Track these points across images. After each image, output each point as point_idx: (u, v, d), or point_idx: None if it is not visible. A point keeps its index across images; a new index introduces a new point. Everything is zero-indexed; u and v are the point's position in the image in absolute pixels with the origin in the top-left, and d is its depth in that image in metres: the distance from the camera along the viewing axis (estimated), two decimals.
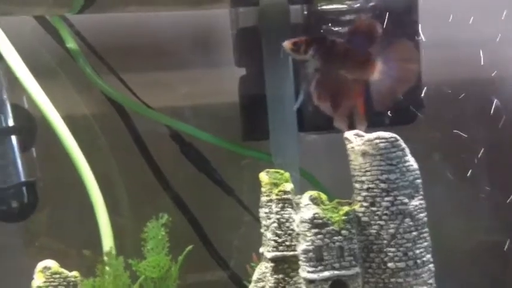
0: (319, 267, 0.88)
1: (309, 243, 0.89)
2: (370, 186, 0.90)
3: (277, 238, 1.04)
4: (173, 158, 1.59)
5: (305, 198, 0.93)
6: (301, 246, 0.89)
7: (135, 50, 1.60)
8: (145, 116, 1.52)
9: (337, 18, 1.36)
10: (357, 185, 0.91)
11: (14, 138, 1.20)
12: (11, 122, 1.20)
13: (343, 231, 0.89)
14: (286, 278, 1.03)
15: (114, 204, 1.58)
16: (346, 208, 0.90)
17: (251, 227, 1.61)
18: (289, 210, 1.05)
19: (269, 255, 1.05)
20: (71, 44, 1.43)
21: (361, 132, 0.95)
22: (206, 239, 1.58)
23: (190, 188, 1.61)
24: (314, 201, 0.92)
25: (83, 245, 1.49)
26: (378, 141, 0.89)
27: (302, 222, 0.90)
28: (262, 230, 1.10)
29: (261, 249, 1.10)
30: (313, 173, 1.50)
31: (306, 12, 1.38)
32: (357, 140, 0.92)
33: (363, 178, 0.90)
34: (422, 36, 1.41)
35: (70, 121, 1.38)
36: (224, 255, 1.60)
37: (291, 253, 1.04)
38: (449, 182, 1.52)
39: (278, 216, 1.05)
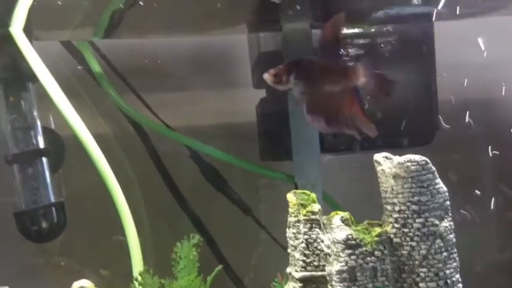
0: None
1: (343, 263, 0.91)
2: (402, 208, 0.92)
3: (305, 258, 1.07)
4: (192, 177, 1.61)
5: (336, 220, 0.95)
6: (335, 266, 0.91)
7: (155, 71, 1.64)
8: (166, 136, 1.55)
9: (354, 41, 1.39)
10: (388, 207, 0.94)
11: (44, 160, 1.23)
12: (42, 144, 1.22)
13: (376, 252, 0.91)
14: None
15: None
16: (378, 229, 0.92)
17: (268, 246, 1.63)
18: (317, 231, 1.07)
19: (297, 275, 1.07)
20: (95, 67, 1.46)
21: (390, 155, 0.98)
22: (223, 259, 1.60)
23: (208, 208, 1.63)
24: (345, 222, 0.95)
25: (106, 264, 1.51)
26: (409, 164, 0.92)
27: (335, 243, 0.92)
28: (289, 250, 1.12)
29: (288, 269, 1.12)
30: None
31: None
32: (387, 162, 0.95)
33: (395, 200, 0.93)
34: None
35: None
36: (241, 275, 1.62)
37: (319, 273, 1.06)
38: (465, 202, 1.55)
39: (306, 237, 1.07)
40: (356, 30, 1.34)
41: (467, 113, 1.44)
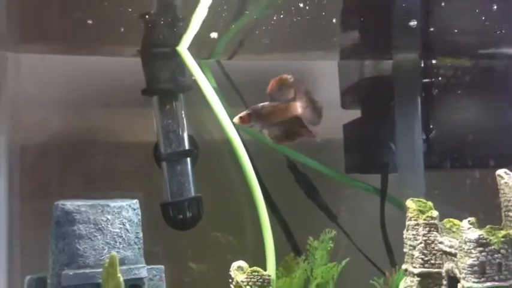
0: (482, 279, 1.09)
1: (475, 259, 1.09)
2: None
3: (423, 257, 1.25)
4: (283, 184, 1.79)
5: (465, 223, 1.14)
6: (468, 261, 1.10)
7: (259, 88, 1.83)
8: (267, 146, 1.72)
9: (452, 73, 1.59)
10: (511, 213, 1.13)
11: (189, 159, 1.41)
12: (188, 146, 1.41)
13: (501, 250, 1.10)
14: None
15: (226, 224, 1.78)
16: (503, 232, 1.11)
17: (349, 251, 1.80)
18: (435, 233, 1.26)
19: (416, 270, 1.25)
20: (213, 83, 1.64)
21: (508, 171, 1.17)
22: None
23: (296, 213, 1.80)
24: (473, 225, 1.13)
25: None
26: None
27: (467, 242, 1.11)
28: (405, 250, 1.30)
29: (404, 266, 1.30)
30: None
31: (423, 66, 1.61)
32: (508, 177, 1.14)
33: None
34: None
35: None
36: None
37: (436, 270, 1.24)
38: None
39: (425, 238, 1.25)
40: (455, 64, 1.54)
41: None
